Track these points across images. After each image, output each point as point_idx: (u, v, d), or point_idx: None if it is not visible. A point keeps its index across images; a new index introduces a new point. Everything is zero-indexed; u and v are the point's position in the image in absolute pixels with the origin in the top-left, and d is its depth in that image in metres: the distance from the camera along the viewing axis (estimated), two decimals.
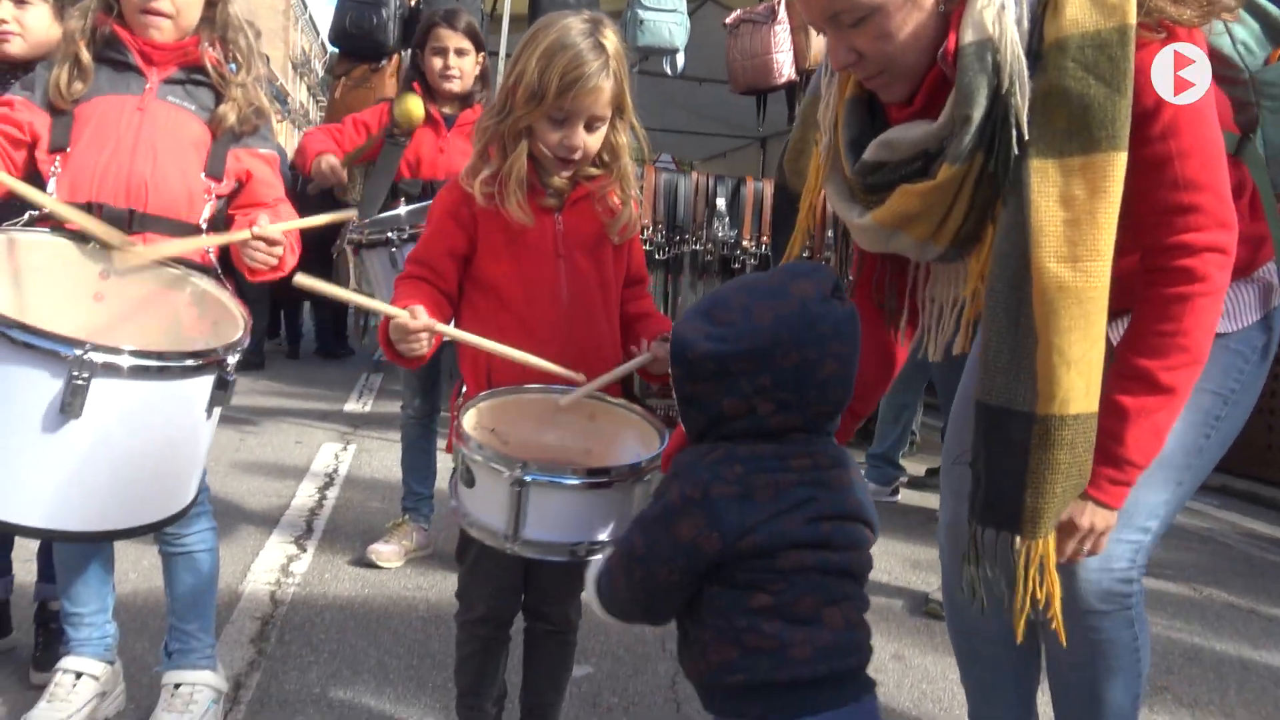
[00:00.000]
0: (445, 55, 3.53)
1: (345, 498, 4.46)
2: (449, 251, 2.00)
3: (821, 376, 1.43)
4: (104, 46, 2.16)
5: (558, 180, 2.00)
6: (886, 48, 1.58)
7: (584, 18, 1.93)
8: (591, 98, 1.90)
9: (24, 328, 1.71)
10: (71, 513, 1.83)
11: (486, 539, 1.78)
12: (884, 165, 1.68)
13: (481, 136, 2.00)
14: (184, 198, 2.16)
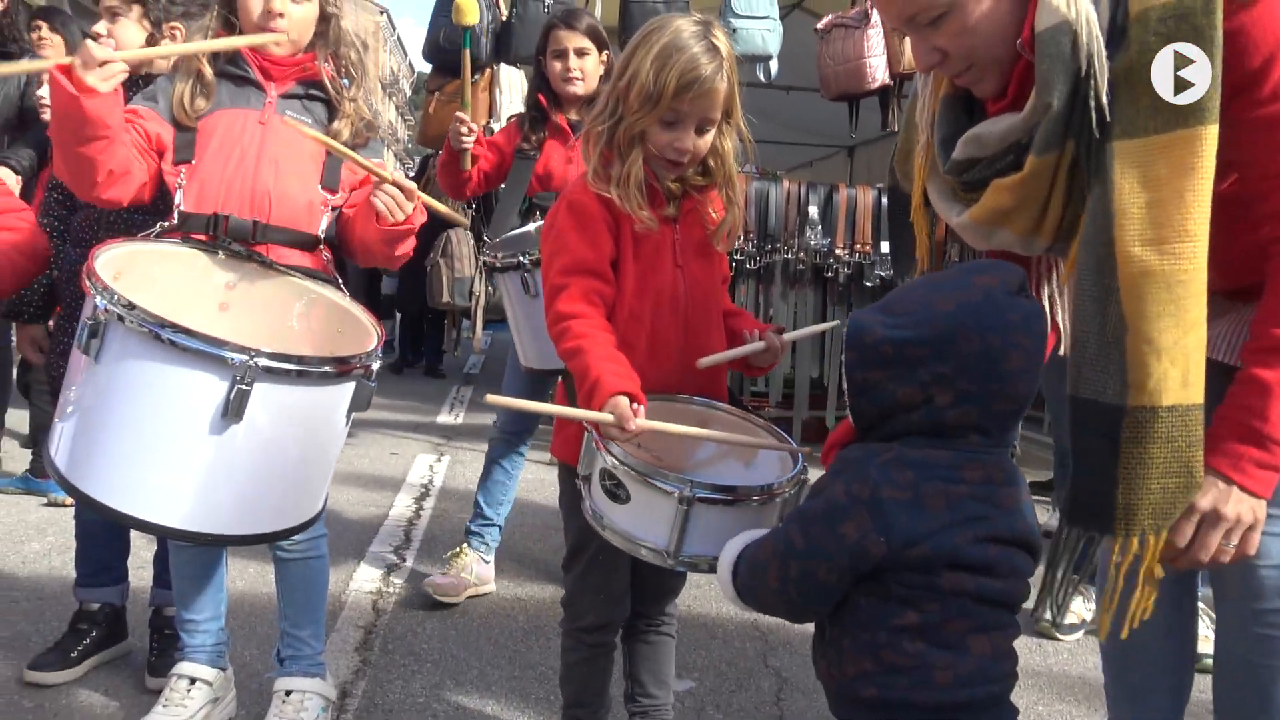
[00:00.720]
0: (565, 58, 3.30)
1: (441, 509, 4.49)
2: (609, 256, 1.96)
3: (1006, 367, 1.36)
4: (225, 62, 2.22)
5: (670, 185, 2.00)
6: (968, 42, 1.55)
7: (694, 20, 1.92)
8: (707, 100, 1.89)
9: (190, 332, 1.75)
10: (213, 515, 1.86)
11: (642, 554, 1.74)
12: (976, 162, 1.64)
13: (596, 141, 1.98)
14: (304, 209, 2.19)
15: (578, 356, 1.83)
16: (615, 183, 1.93)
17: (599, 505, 1.82)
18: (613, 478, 1.76)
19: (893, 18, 1.61)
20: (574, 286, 1.90)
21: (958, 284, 1.39)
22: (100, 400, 1.84)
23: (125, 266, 2.01)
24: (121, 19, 2.52)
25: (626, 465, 1.72)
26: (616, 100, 1.95)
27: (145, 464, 1.81)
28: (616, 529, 1.78)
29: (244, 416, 1.78)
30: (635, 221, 1.93)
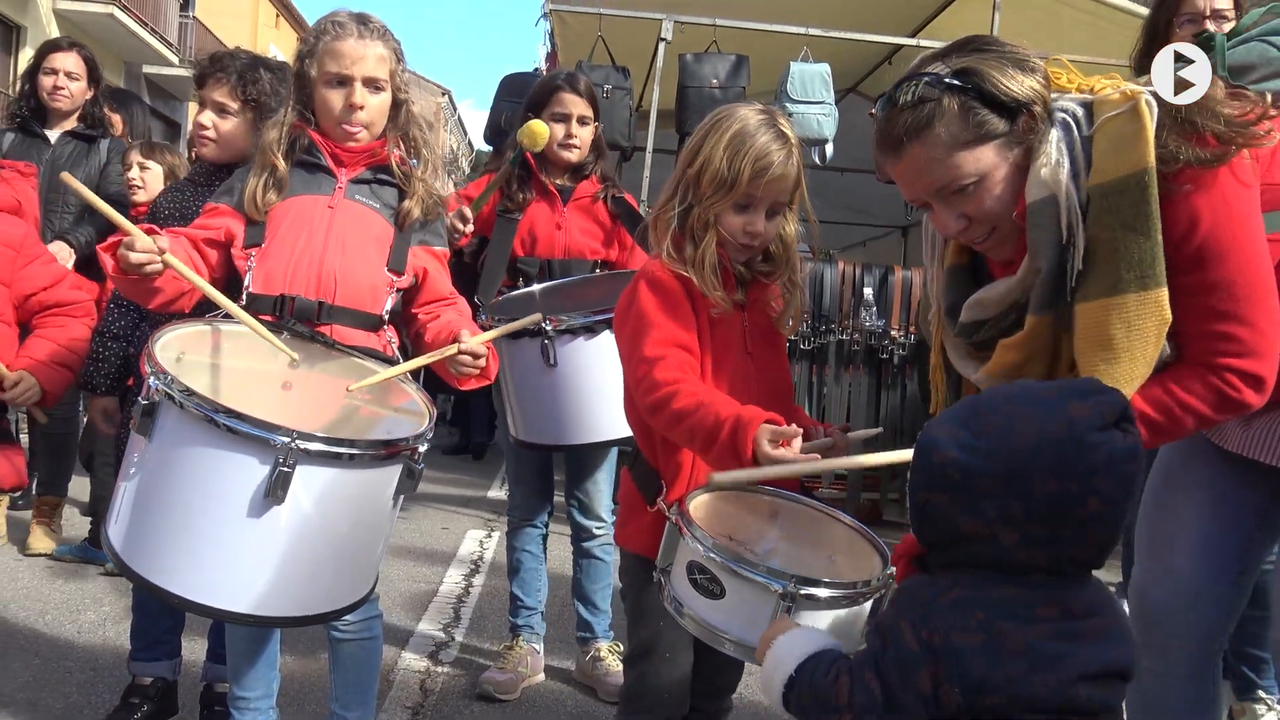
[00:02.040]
0: (568, 122, 3.19)
1: (491, 586, 4.46)
2: (694, 333, 1.99)
3: (1082, 515, 1.25)
4: (300, 151, 2.30)
5: (738, 269, 2.04)
6: (993, 210, 1.66)
7: (758, 109, 2.00)
8: (780, 185, 1.96)
9: (237, 415, 1.78)
10: (263, 597, 1.86)
11: (726, 649, 1.69)
12: (981, 324, 1.75)
13: (666, 226, 2.02)
14: (369, 291, 2.24)
15: (698, 411, 1.83)
16: (691, 264, 1.97)
17: (682, 598, 1.75)
18: (704, 570, 1.71)
19: (920, 191, 1.69)
20: (670, 358, 1.91)
21: (1048, 409, 1.29)
22: (152, 479, 1.87)
23: (191, 346, 2.06)
24: (231, 118, 2.60)
25: (721, 557, 1.67)
26: (687, 187, 2.01)
27: (194, 546, 1.83)
28: (703, 622, 1.72)
29: (286, 498, 1.79)
30: (710, 305, 1.97)
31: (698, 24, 6.10)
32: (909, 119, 1.61)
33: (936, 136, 1.61)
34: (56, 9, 19.24)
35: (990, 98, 1.60)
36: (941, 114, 1.60)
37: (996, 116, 1.60)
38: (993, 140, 1.62)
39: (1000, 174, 1.64)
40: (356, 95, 2.25)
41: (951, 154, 1.61)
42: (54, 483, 4.55)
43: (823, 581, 1.66)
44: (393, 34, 2.33)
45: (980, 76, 1.60)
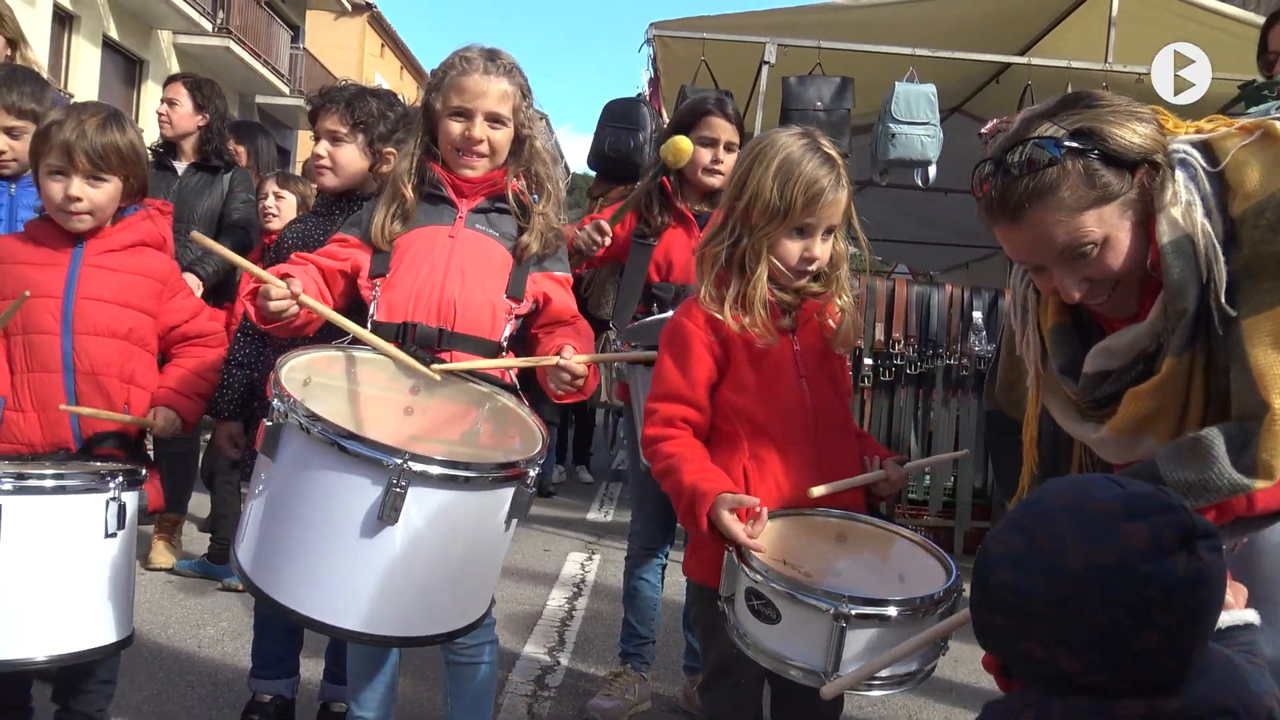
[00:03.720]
0: (715, 147, 3.14)
1: (594, 609, 4.47)
2: (707, 382, 2.02)
3: (1139, 648, 1.12)
4: (426, 184, 2.35)
5: (787, 295, 2.04)
6: (1118, 267, 1.63)
7: (797, 132, 2.01)
8: (832, 208, 1.98)
9: (353, 437, 1.82)
10: (379, 616, 1.89)
11: (792, 675, 1.74)
12: (1107, 375, 1.71)
13: (714, 262, 2.03)
14: (488, 317, 2.27)
15: (669, 476, 1.94)
16: (731, 302, 1.99)
17: (744, 625, 1.80)
18: (760, 596, 1.76)
19: (1040, 257, 1.65)
20: (659, 412, 2.01)
21: (1100, 531, 1.15)
22: (276, 500, 1.92)
23: (318, 370, 2.12)
24: (344, 144, 2.69)
25: (773, 582, 1.73)
26: (736, 221, 2.01)
27: (314, 565, 1.87)
28: (765, 649, 1.77)
29: (400, 519, 1.82)
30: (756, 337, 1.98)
31: (801, 46, 6.08)
32: (1029, 185, 1.57)
33: (1060, 201, 1.56)
34: (176, 43, 20.15)
35: (1113, 157, 1.56)
36: (1065, 178, 1.56)
37: (1118, 174, 1.57)
38: (1116, 199, 1.58)
39: (1123, 231, 1.60)
40: (475, 129, 2.29)
41: (1075, 217, 1.57)
42: (175, 500, 4.71)
43: (877, 599, 1.69)
44: (520, 71, 2.37)
45: (1101, 136, 1.57)
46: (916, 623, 1.72)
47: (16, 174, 2.97)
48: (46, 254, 2.41)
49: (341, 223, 2.47)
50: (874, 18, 6.57)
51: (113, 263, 2.43)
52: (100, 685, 2.49)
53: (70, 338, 2.37)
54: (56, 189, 2.37)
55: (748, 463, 1.99)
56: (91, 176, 2.38)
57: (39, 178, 2.41)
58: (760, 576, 1.75)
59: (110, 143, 2.39)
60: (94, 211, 2.41)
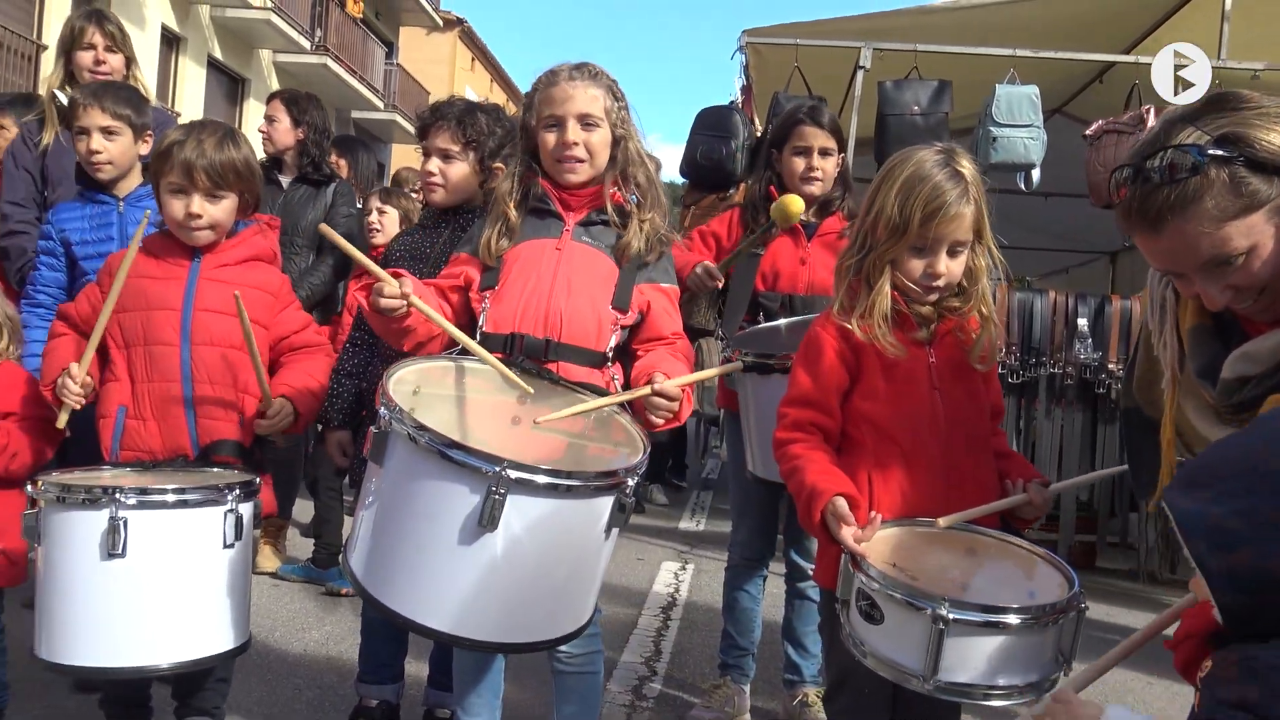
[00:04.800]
0: (809, 155, 3.15)
1: (690, 619, 4.45)
2: (837, 388, 2.05)
3: None
4: (533, 199, 2.38)
5: (924, 309, 2.05)
6: (1265, 274, 1.56)
7: (936, 149, 2.01)
8: (953, 225, 1.97)
9: (455, 445, 1.84)
10: (480, 622, 1.91)
11: (895, 677, 1.76)
12: (1247, 380, 1.63)
13: (844, 275, 2.07)
14: (594, 328, 2.28)
15: (793, 476, 1.98)
16: (860, 314, 2.01)
17: (854, 627, 1.83)
18: (866, 597, 1.79)
19: (1183, 267, 1.59)
20: (790, 416, 2.04)
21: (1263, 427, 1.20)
22: (384, 506, 1.96)
23: (426, 380, 2.15)
24: (455, 161, 2.74)
25: (876, 581, 1.76)
26: (864, 234, 2.05)
27: (420, 570, 1.89)
28: (875, 653, 1.79)
29: (500, 526, 1.83)
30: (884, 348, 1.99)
31: (897, 50, 5.99)
32: (1170, 195, 1.50)
33: (1204, 211, 1.49)
34: (276, 62, 20.79)
35: (1260, 163, 1.48)
36: (1208, 187, 1.48)
37: (1266, 180, 1.49)
38: (1264, 206, 1.50)
39: (1269, 238, 1.53)
40: (569, 133, 2.31)
41: (1220, 228, 1.50)
42: (280, 506, 4.83)
43: (981, 605, 1.70)
44: (608, 75, 2.39)
45: (1247, 141, 1.48)
46: (1038, 633, 1.72)
47: (112, 179, 3.09)
48: (166, 268, 2.49)
49: (447, 235, 2.51)
50: (972, 19, 6.44)
51: (228, 276, 2.50)
52: (217, 684, 2.56)
53: (189, 348, 2.45)
54: (178, 206, 2.45)
55: (872, 469, 2.02)
56: (210, 193, 2.45)
57: (160, 195, 2.49)
58: (865, 576, 1.78)
59: (228, 160, 2.46)
60: (213, 226, 2.49)
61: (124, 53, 3.78)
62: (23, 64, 14.59)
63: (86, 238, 3.11)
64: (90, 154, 3.06)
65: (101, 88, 3.15)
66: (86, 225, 3.12)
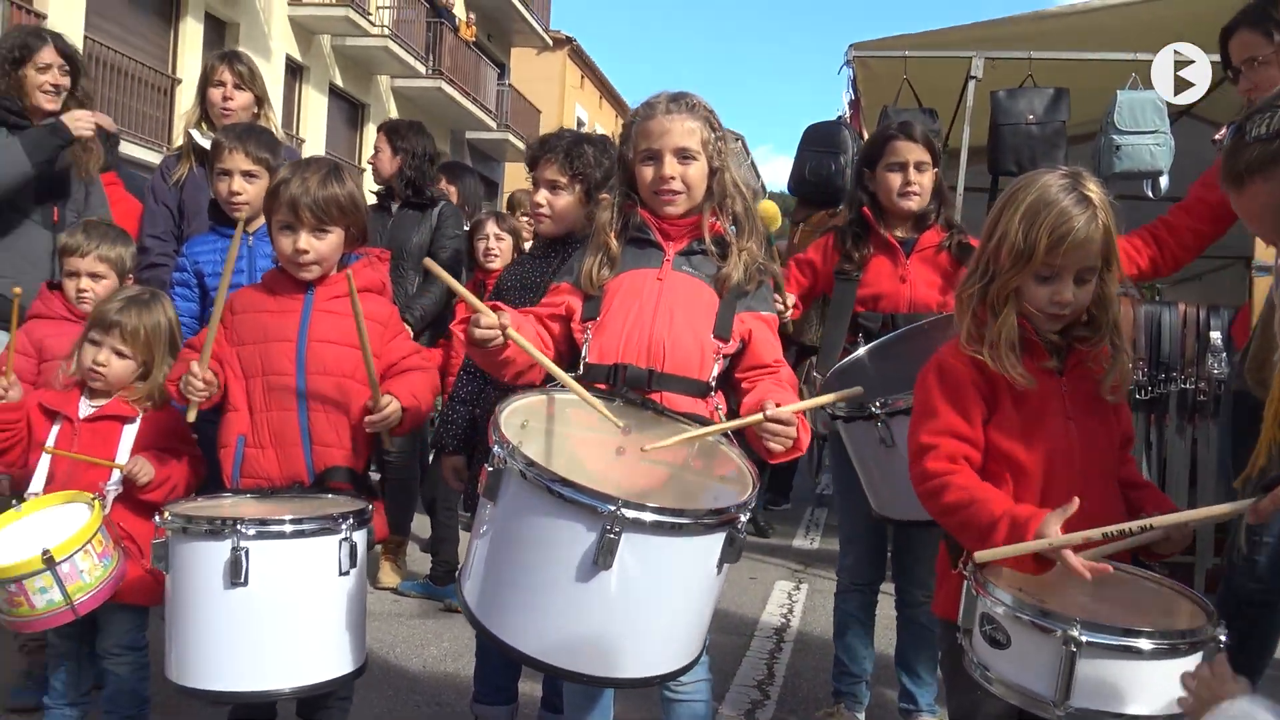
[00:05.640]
0: (905, 170, 3.11)
1: (803, 642, 4.40)
2: (980, 419, 1.99)
3: None
4: (633, 229, 2.40)
5: (1053, 337, 1.99)
6: None
7: (1061, 174, 1.95)
8: (1080, 251, 1.90)
9: (567, 483, 1.86)
10: (592, 657, 1.92)
11: (1024, 703, 1.72)
12: None
13: (968, 303, 2.01)
14: (696, 358, 2.29)
15: (970, 506, 1.88)
16: (988, 343, 1.95)
17: (982, 656, 1.79)
18: (991, 620, 1.75)
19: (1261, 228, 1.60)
20: (942, 448, 1.96)
21: None
22: (497, 541, 1.99)
23: (535, 413, 2.18)
24: (563, 193, 2.80)
25: (1004, 604, 1.73)
26: (987, 261, 1.99)
27: (533, 606, 1.92)
28: (1002, 679, 1.75)
29: (614, 564, 1.84)
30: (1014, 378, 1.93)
31: (1011, 59, 5.84)
32: (1255, 153, 1.53)
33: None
34: (394, 87, 21.48)
35: None
36: None
37: None
38: None
39: None
40: (665, 167, 2.33)
41: None
42: (399, 523, 4.97)
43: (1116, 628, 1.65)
44: (705, 106, 2.40)
45: None
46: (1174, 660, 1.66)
47: (248, 218, 3.22)
48: (281, 301, 2.60)
49: (557, 265, 2.56)
50: (1089, 24, 6.22)
51: (339, 307, 2.58)
52: (339, 703, 2.65)
53: (304, 378, 2.55)
54: (286, 243, 2.56)
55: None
56: (316, 229, 2.55)
57: (271, 232, 2.61)
58: (992, 599, 1.75)
59: (331, 196, 2.55)
60: (320, 261, 2.58)
61: (253, 91, 3.96)
62: (159, 97, 15.43)
63: (218, 269, 3.26)
64: (231, 195, 3.20)
65: (244, 131, 3.30)
66: (218, 258, 3.27)
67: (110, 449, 2.74)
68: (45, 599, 2.46)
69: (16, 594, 2.45)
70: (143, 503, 2.68)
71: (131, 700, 2.78)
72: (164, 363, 2.80)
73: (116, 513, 2.66)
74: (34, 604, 2.46)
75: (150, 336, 2.78)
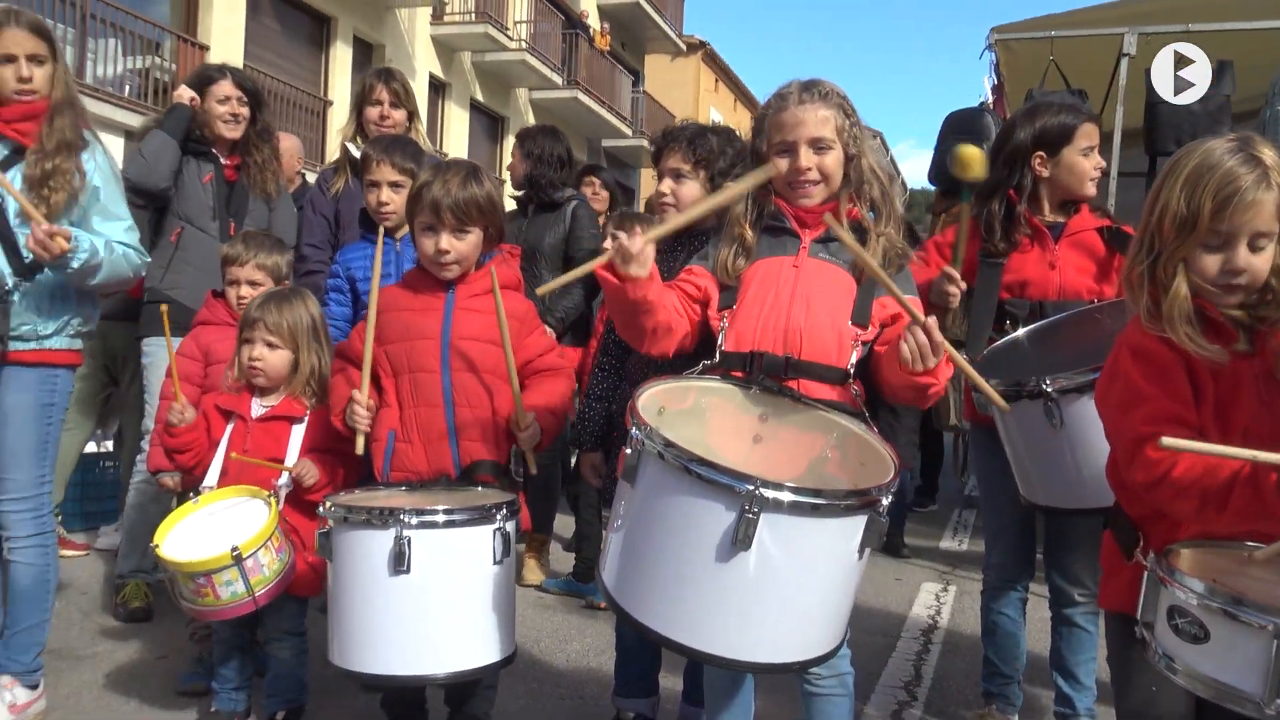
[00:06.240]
0: (1094, 154, 3.01)
1: (952, 643, 4.27)
2: (1190, 400, 1.85)
3: None
4: (768, 218, 2.37)
5: (1235, 313, 1.85)
6: None
7: (1228, 138, 1.83)
8: (1251, 213, 1.77)
9: (706, 463, 1.85)
10: (730, 640, 1.91)
11: (1220, 698, 1.61)
12: None
13: (1139, 283, 1.89)
14: (834, 344, 2.25)
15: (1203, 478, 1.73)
16: (1165, 320, 1.83)
17: (1169, 648, 1.68)
18: (1184, 613, 1.65)
19: None
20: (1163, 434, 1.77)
21: None
22: (637, 524, 1.99)
23: (671, 401, 2.18)
24: (687, 181, 2.81)
25: (1200, 595, 1.62)
26: (1150, 236, 1.87)
27: (672, 587, 1.91)
28: (1193, 672, 1.64)
29: (753, 545, 1.82)
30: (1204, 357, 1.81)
31: (1167, 33, 5.54)
32: None
33: None
34: (532, 99, 21.95)
35: None
36: None
37: None
38: None
39: None
40: (801, 159, 2.29)
41: None
42: (542, 522, 5.06)
43: None
44: (839, 93, 2.34)
45: None
46: None
47: (397, 226, 3.33)
48: (424, 300, 2.69)
49: (683, 259, 2.55)
50: None
51: (479, 305, 2.66)
52: (485, 691, 2.72)
53: (449, 375, 2.63)
54: (428, 244, 2.64)
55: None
56: (457, 229, 2.62)
57: (413, 233, 2.70)
58: (1183, 589, 1.64)
59: (471, 197, 2.62)
60: (460, 261, 2.66)
61: (406, 108, 4.15)
62: (312, 119, 16.18)
63: (369, 274, 3.39)
64: (380, 205, 3.34)
65: (391, 144, 3.44)
66: (369, 264, 3.40)
67: (280, 447, 2.90)
68: (230, 591, 2.62)
69: (204, 586, 2.61)
70: (304, 500, 2.82)
71: (292, 684, 2.92)
72: (309, 352, 2.94)
73: (283, 508, 2.80)
74: (219, 595, 2.62)
75: (293, 327, 2.94)
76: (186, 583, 2.63)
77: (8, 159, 2.84)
